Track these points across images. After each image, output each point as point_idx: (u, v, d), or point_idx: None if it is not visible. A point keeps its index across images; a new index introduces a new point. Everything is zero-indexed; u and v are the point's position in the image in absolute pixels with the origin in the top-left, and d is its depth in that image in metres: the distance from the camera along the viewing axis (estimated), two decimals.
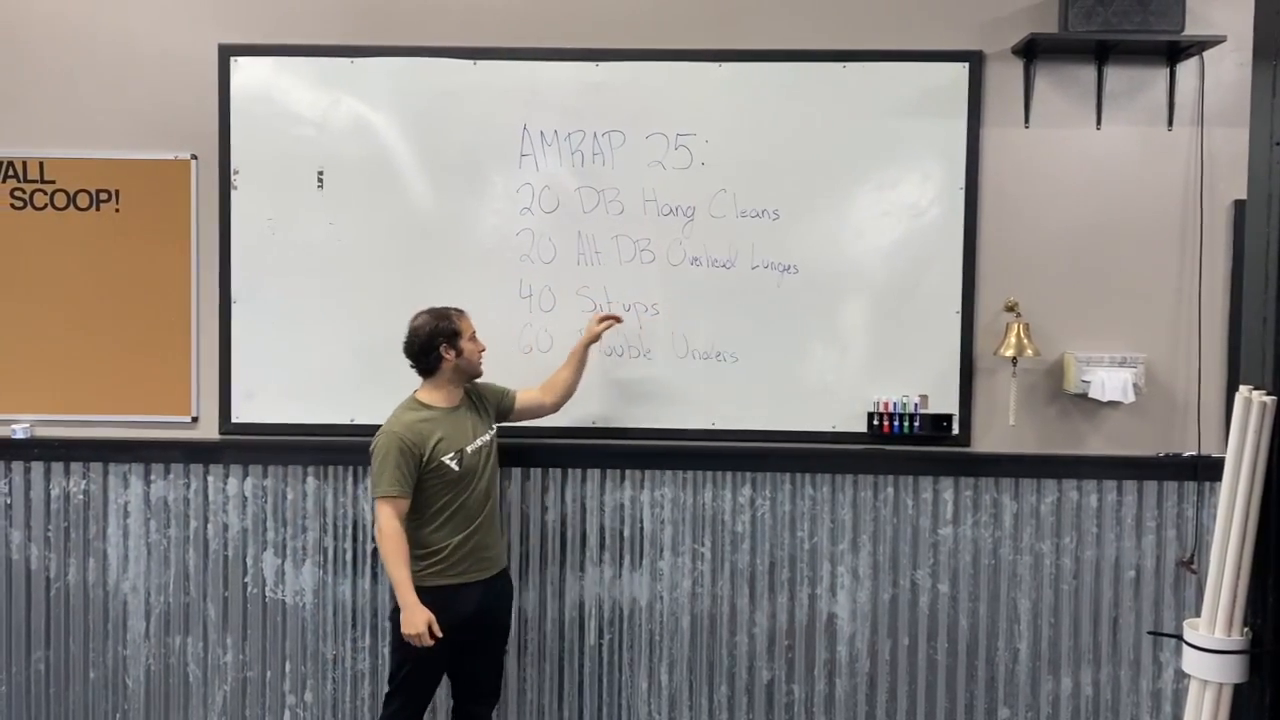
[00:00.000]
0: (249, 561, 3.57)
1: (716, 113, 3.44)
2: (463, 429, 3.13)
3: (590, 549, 3.54)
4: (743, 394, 3.48)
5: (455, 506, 3.09)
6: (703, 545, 3.53)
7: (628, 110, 3.45)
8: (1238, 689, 1.98)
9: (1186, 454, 3.46)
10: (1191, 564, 3.45)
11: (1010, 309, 3.44)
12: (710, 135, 3.44)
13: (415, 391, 3.17)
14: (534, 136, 3.46)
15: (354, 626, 3.56)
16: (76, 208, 3.53)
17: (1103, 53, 3.40)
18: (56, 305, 3.54)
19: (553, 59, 3.45)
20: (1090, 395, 3.38)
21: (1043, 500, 3.49)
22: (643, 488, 3.53)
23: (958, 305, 3.45)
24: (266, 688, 3.59)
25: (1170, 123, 3.44)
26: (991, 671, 3.53)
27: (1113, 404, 3.39)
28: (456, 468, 3.07)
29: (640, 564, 3.54)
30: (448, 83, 3.46)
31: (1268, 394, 1.92)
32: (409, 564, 3.02)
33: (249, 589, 3.58)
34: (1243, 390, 1.95)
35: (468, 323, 3.16)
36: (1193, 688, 2.01)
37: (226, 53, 3.47)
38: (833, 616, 3.53)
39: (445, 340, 3.09)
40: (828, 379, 3.49)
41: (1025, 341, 3.36)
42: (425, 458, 3.04)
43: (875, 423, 3.46)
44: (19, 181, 3.52)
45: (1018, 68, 3.44)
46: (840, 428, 3.48)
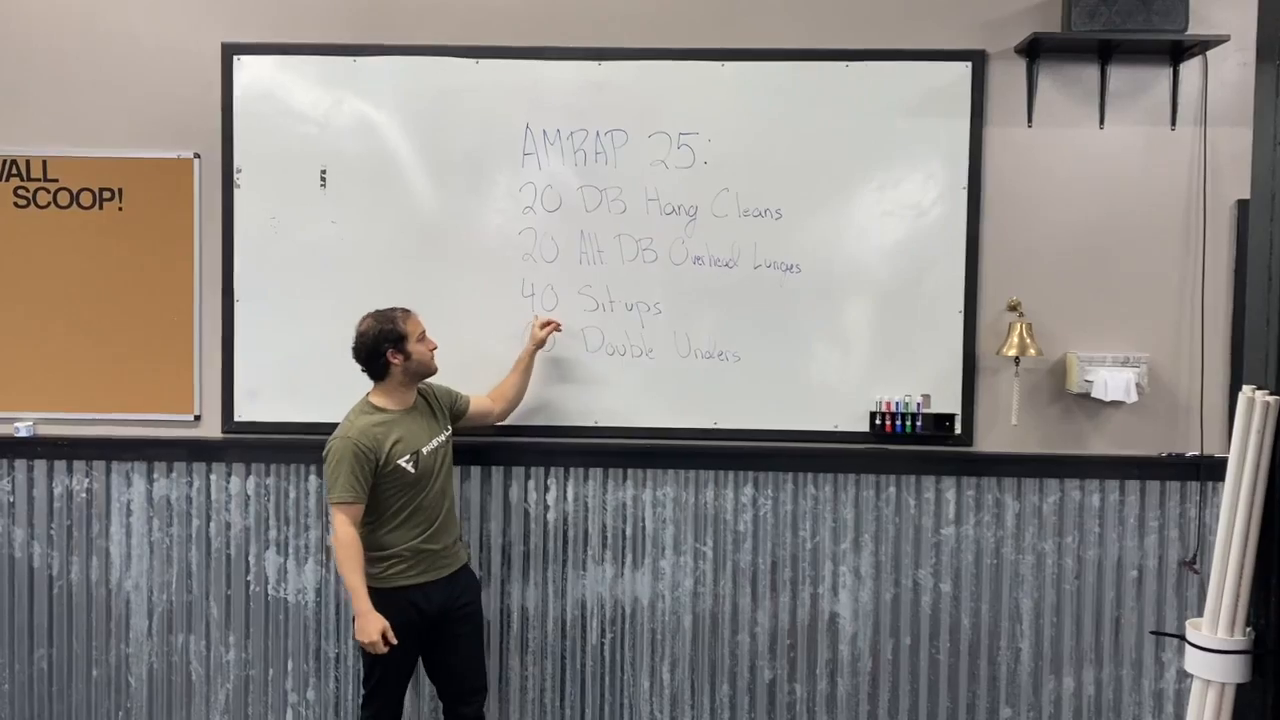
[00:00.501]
0: (251, 560, 3.57)
1: (719, 112, 3.44)
2: (418, 431, 3.11)
3: (592, 548, 3.54)
4: (745, 393, 3.48)
5: (413, 508, 3.08)
6: (705, 544, 3.53)
7: (630, 109, 3.45)
8: (1240, 689, 1.98)
9: (1189, 454, 3.46)
10: (1194, 564, 3.45)
11: (1013, 308, 3.44)
12: (713, 134, 3.44)
13: (368, 394, 3.14)
14: (536, 135, 3.46)
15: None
16: (79, 206, 3.53)
17: (1106, 52, 3.40)
18: (59, 304, 3.54)
19: (555, 58, 3.44)
20: (1093, 395, 3.37)
21: (1045, 500, 3.49)
22: (644, 487, 3.53)
23: (960, 305, 3.45)
24: (269, 686, 3.60)
25: (1173, 122, 3.43)
26: (993, 671, 3.53)
27: (1115, 404, 3.39)
28: (413, 470, 3.06)
29: (642, 563, 3.54)
30: (450, 82, 3.46)
31: (1271, 394, 1.92)
32: (364, 570, 3.01)
33: (251, 587, 3.58)
34: (1245, 390, 1.95)
35: (415, 323, 3.12)
36: (1195, 688, 2.01)
37: (229, 51, 3.47)
38: (835, 616, 3.53)
39: (391, 344, 3.06)
40: (830, 378, 3.49)
41: (1028, 341, 3.36)
42: (381, 461, 3.02)
43: (877, 422, 3.45)
44: (22, 180, 3.53)
45: (1020, 67, 3.44)
46: (842, 427, 3.48)
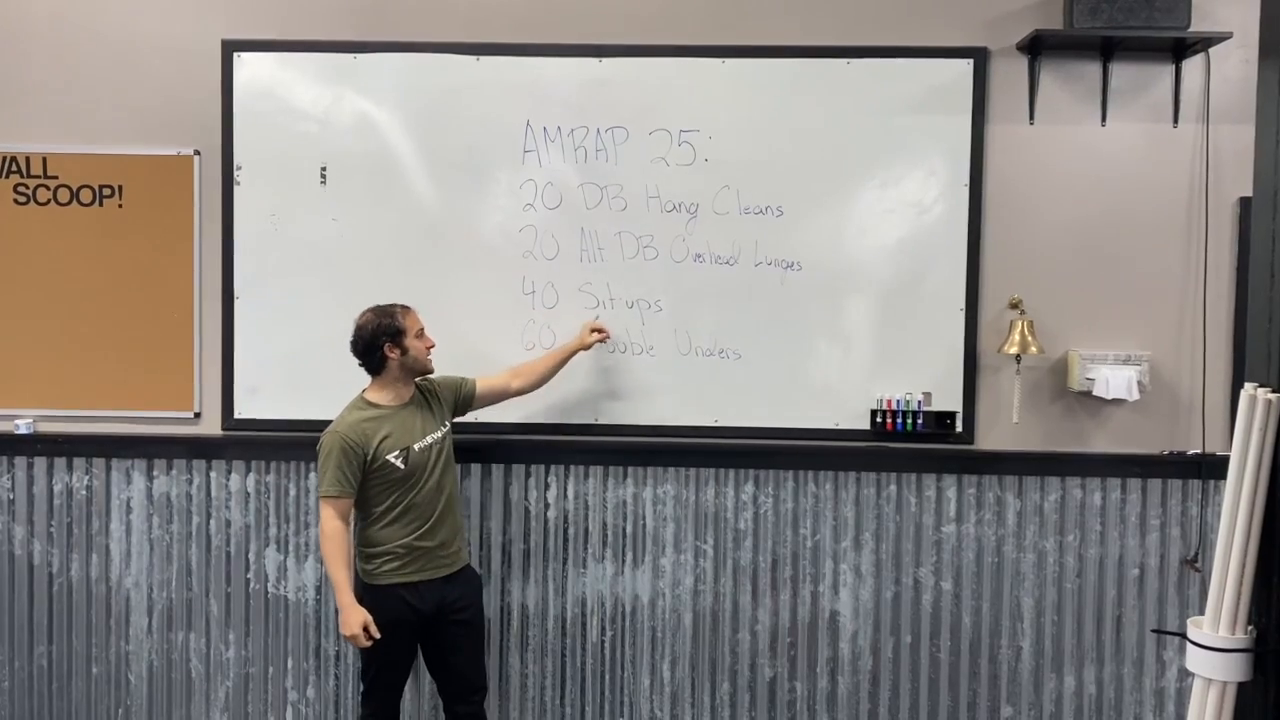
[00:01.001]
0: (251, 557, 3.57)
1: (720, 109, 3.43)
2: (410, 427, 3.10)
3: (592, 546, 3.54)
4: (745, 391, 3.47)
5: (404, 505, 3.07)
6: (705, 542, 3.53)
7: (631, 106, 3.44)
8: (1241, 688, 1.98)
9: (1191, 452, 3.45)
10: (1195, 563, 3.45)
11: (1014, 306, 3.43)
12: (714, 132, 3.43)
13: (364, 390, 3.14)
14: (537, 132, 3.45)
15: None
16: (79, 203, 3.53)
17: (1108, 49, 3.39)
18: (59, 301, 3.54)
19: (556, 55, 3.44)
20: (1094, 393, 3.37)
21: (1046, 498, 3.49)
22: (645, 484, 3.53)
23: (962, 302, 3.45)
24: (269, 684, 3.60)
25: (1175, 119, 3.42)
26: (994, 669, 3.52)
27: (1117, 402, 3.39)
28: (402, 466, 3.05)
29: (642, 561, 3.54)
30: (451, 79, 3.45)
31: (1273, 391, 1.92)
32: (347, 565, 3.02)
33: (251, 585, 3.58)
34: (1247, 388, 1.95)
35: (414, 319, 3.13)
36: (1196, 686, 2.01)
37: (230, 48, 3.47)
38: (835, 614, 3.53)
39: (389, 339, 3.07)
40: (831, 376, 3.48)
41: (1029, 339, 3.35)
42: (369, 457, 3.02)
43: (878, 420, 3.45)
44: (22, 177, 3.52)
45: (1022, 64, 3.43)
46: (843, 425, 3.47)
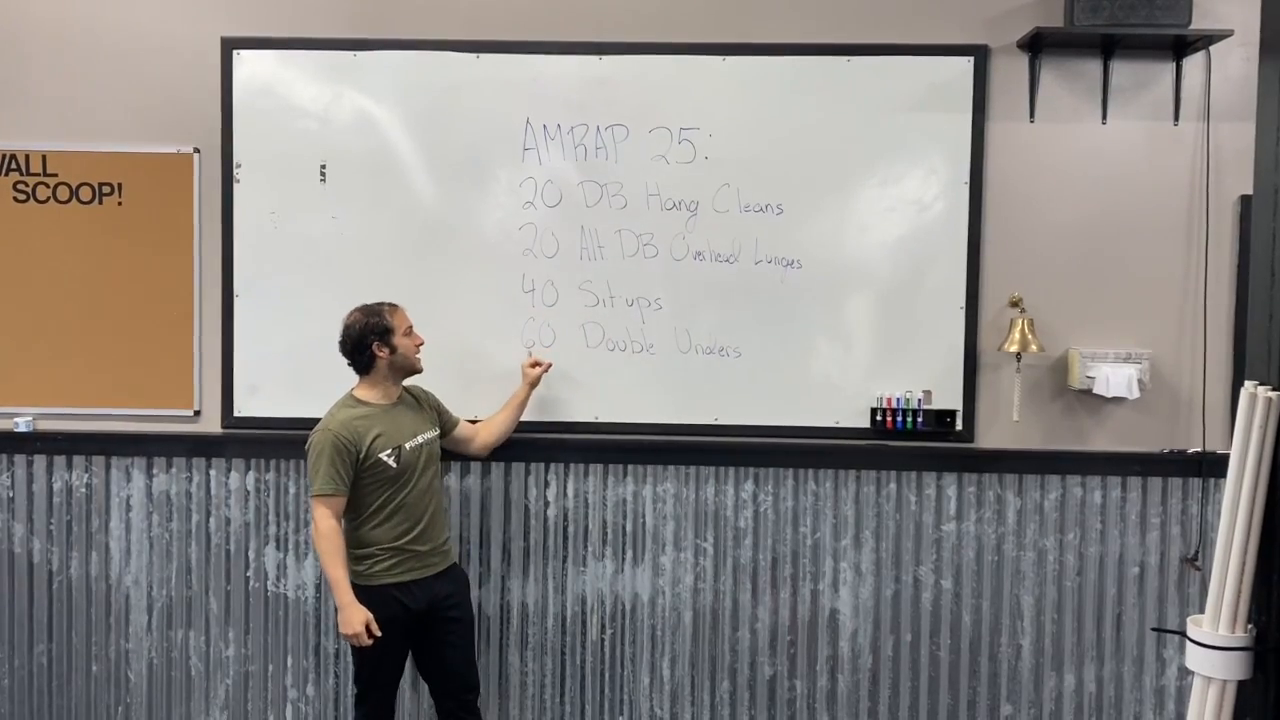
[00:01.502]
0: (251, 555, 3.57)
1: (720, 107, 3.43)
2: (401, 426, 3.11)
3: (592, 544, 3.54)
4: (745, 389, 3.47)
5: (395, 504, 3.08)
6: (705, 541, 3.53)
7: (631, 104, 3.43)
8: (1241, 686, 1.97)
9: (1191, 450, 3.45)
10: (1195, 561, 3.44)
11: (1015, 304, 3.43)
12: (714, 130, 3.43)
13: (353, 389, 3.15)
14: (537, 130, 3.45)
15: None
16: (79, 201, 3.53)
17: (1108, 47, 3.38)
18: (59, 299, 3.54)
19: (556, 52, 3.43)
20: (1095, 391, 3.36)
21: (1046, 496, 3.48)
22: (645, 483, 3.52)
23: (962, 301, 3.44)
24: (268, 682, 3.60)
25: (1176, 117, 3.42)
26: (994, 668, 3.52)
27: (1117, 400, 3.38)
28: (394, 464, 3.06)
29: (642, 559, 3.54)
30: (451, 76, 3.45)
31: (1273, 390, 1.91)
32: (345, 563, 3.02)
33: (251, 583, 3.58)
34: (1248, 386, 1.94)
35: (402, 317, 3.14)
36: (1196, 685, 2.01)
37: (229, 46, 3.47)
38: (835, 612, 3.53)
39: (377, 337, 3.08)
40: (831, 374, 3.48)
41: (1030, 337, 3.35)
42: (362, 455, 3.02)
43: (878, 418, 3.44)
44: (21, 175, 3.52)
45: (1023, 62, 3.42)
46: (843, 423, 3.47)
